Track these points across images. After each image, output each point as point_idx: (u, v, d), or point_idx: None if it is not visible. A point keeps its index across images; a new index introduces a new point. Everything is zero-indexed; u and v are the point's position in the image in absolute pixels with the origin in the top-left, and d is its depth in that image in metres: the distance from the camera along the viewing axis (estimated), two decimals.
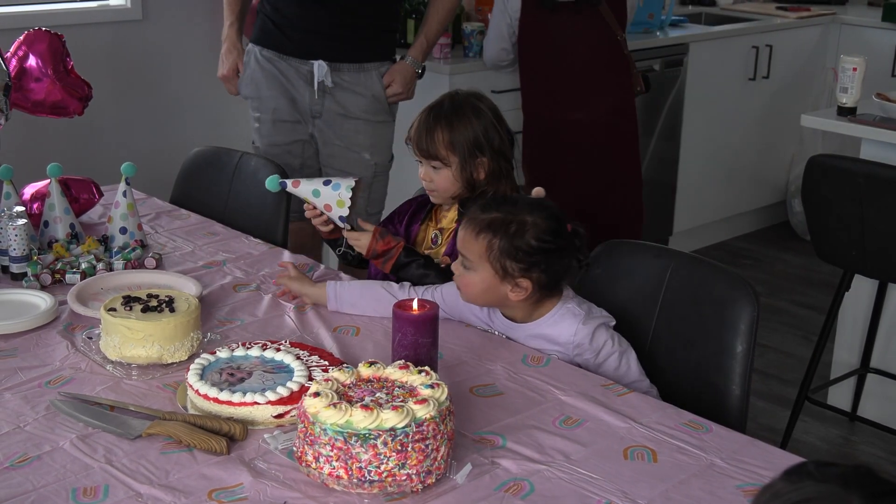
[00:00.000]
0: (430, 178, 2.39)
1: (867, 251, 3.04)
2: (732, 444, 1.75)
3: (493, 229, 2.01)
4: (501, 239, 2.00)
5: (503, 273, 2.01)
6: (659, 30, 4.81)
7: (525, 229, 2.00)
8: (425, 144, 2.37)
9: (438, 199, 2.43)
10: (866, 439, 3.51)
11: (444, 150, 2.36)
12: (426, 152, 2.38)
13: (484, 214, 2.03)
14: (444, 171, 2.37)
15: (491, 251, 2.00)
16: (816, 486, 1.03)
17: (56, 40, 2.83)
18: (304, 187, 2.33)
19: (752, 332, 2.07)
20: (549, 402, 1.87)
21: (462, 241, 2.05)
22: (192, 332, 2.00)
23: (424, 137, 2.38)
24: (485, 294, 2.06)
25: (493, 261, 2.00)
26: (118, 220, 2.56)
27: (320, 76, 3.24)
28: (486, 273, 2.02)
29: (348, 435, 1.54)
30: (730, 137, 5.12)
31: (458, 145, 2.35)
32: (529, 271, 2.00)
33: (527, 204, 2.05)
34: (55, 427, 1.75)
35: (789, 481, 1.05)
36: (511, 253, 1.99)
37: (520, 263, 2.00)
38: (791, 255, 5.19)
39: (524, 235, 1.99)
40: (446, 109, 2.38)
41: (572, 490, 1.60)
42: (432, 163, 2.38)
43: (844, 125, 3.39)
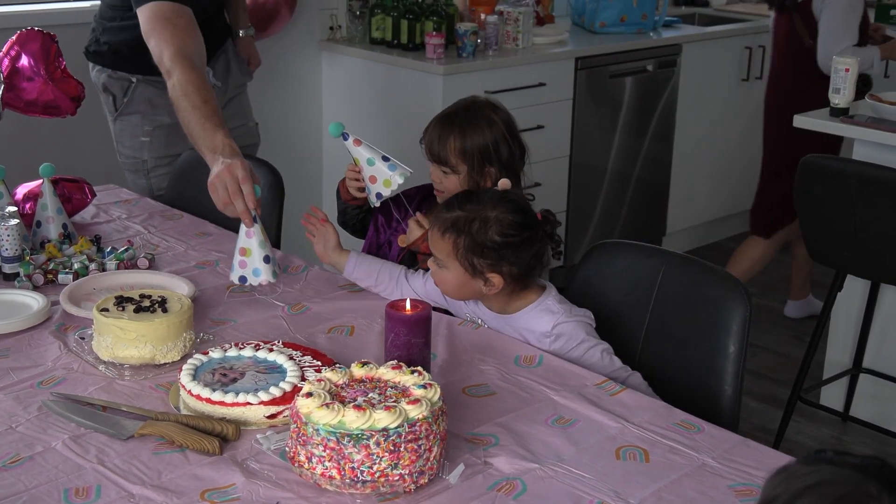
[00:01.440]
0: (440, 181, 2.44)
1: (860, 251, 3.05)
2: (724, 443, 1.75)
3: (457, 228, 2.04)
4: (466, 237, 2.03)
5: (472, 270, 2.04)
6: (652, 30, 4.82)
7: (488, 226, 2.03)
8: (437, 149, 2.42)
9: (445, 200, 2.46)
10: (858, 439, 3.52)
11: (454, 157, 2.40)
12: (437, 157, 2.42)
13: (448, 213, 2.07)
14: (452, 176, 2.41)
15: (457, 250, 2.04)
16: (834, 469, 1.03)
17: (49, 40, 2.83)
18: (362, 150, 2.39)
19: (745, 333, 2.07)
20: (541, 401, 1.87)
21: (431, 241, 2.10)
22: (184, 333, 1.99)
23: (437, 143, 2.42)
24: (461, 290, 2.10)
25: (461, 259, 2.04)
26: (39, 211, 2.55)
27: (210, 81, 3.19)
28: (457, 270, 2.06)
29: (341, 435, 1.54)
30: (723, 138, 5.13)
31: (468, 154, 2.39)
32: (498, 266, 2.03)
33: (490, 199, 2.07)
34: (47, 427, 1.75)
35: (806, 464, 1.06)
36: (476, 250, 2.02)
37: (487, 259, 2.03)
38: (784, 255, 5.19)
39: (487, 232, 2.02)
40: (461, 117, 2.41)
41: (564, 490, 1.60)
42: (442, 167, 2.42)
43: (837, 126, 3.40)
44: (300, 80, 4.34)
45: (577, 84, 4.39)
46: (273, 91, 4.27)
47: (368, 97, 4.25)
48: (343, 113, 4.37)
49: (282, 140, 4.33)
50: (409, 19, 4.16)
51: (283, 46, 4.24)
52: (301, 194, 4.34)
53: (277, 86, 4.28)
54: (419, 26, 4.16)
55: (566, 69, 4.35)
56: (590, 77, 4.43)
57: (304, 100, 4.38)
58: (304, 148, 4.43)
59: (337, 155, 4.44)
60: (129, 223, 2.78)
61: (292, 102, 4.34)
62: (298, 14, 4.18)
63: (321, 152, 4.49)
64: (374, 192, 2.40)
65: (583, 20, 4.83)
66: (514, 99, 4.13)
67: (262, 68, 4.19)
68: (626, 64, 4.56)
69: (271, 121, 4.31)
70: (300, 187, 4.32)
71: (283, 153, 4.22)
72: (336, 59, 4.35)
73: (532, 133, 4.23)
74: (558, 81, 4.32)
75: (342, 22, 4.37)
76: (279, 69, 4.27)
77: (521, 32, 4.29)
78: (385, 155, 2.38)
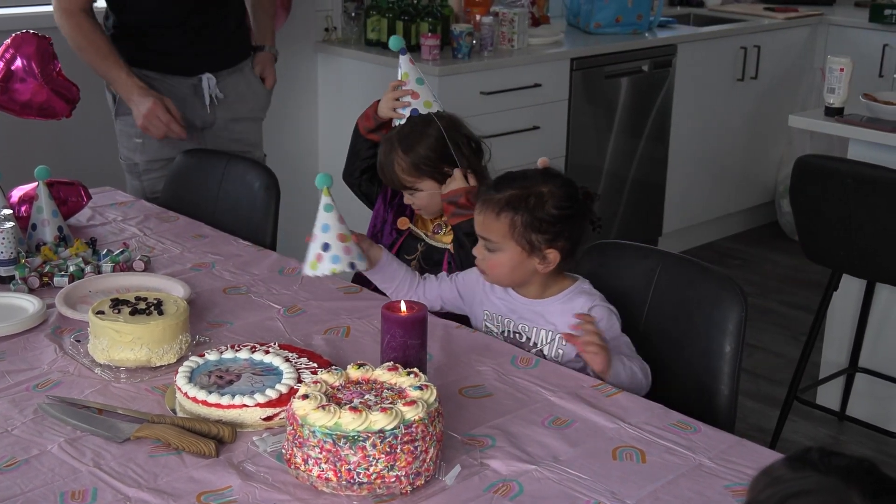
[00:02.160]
0: (412, 202, 2.43)
1: (855, 251, 3.05)
2: (721, 444, 1.75)
3: (513, 206, 2.01)
4: (523, 214, 2.01)
5: (530, 248, 2.02)
6: (647, 31, 4.82)
7: (544, 200, 2.01)
8: (391, 176, 2.40)
9: (430, 215, 2.47)
10: (855, 438, 3.52)
11: (409, 176, 2.39)
12: (395, 183, 2.41)
13: (500, 193, 2.03)
14: (419, 194, 2.41)
15: (514, 228, 2.01)
16: (818, 477, 1.02)
17: (44, 43, 2.83)
18: (413, 71, 2.41)
19: (741, 333, 2.07)
20: (538, 402, 1.87)
21: (483, 225, 2.05)
22: (180, 335, 1.99)
23: (388, 174, 2.41)
24: (513, 272, 2.07)
25: (518, 237, 2.01)
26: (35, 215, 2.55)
27: (210, 90, 3.22)
28: (513, 251, 2.03)
29: (337, 437, 1.53)
30: (718, 138, 5.14)
31: (422, 168, 2.38)
32: (555, 241, 2.02)
33: (538, 175, 2.06)
34: (43, 431, 1.75)
35: (791, 468, 1.05)
36: (535, 226, 2.00)
37: (545, 234, 2.01)
38: (780, 255, 5.20)
39: (544, 206, 2.01)
40: (399, 133, 2.40)
41: (561, 491, 1.60)
42: (406, 191, 2.41)
43: (832, 125, 3.40)
44: (296, 82, 4.34)
45: (572, 85, 4.40)
46: None
47: (364, 98, 4.22)
48: (338, 114, 4.36)
49: (277, 141, 4.32)
50: (404, 20, 4.16)
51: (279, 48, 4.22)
52: (297, 195, 4.34)
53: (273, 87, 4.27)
54: (414, 27, 4.16)
55: (561, 70, 4.35)
56: (585, 78, 4.43)
57: (300, 101, 4.38)
58: (300, 149, 4.43)
59: (333, 156, 4.44)
60: (124, 225, 2.77)
61: (288, 104, 4.34)
62: (294, 15, 4.18)
63: (317, 153, 4.48)
64: (413, 107, 2.41)
65: (578, 21, 4.83)
66: (509, 100, 4.14)
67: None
68: (621, 64, 4.56)
69: (267, 122, 4.30)
70: (296, 188, 4.30)
71: (279, 154, 4.21)
72: (331, 61, 4.35)
73: (528, 134, 4.23)
74: (554, 82, 4.32)
75: (337, 23, 4.37)
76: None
77: (516, 33, 4.29)
78: (422, 78, 2.43)
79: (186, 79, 3.21)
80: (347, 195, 4.08)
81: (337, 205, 2.07)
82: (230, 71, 3.29)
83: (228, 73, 3.28)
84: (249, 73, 3.37)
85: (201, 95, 3.24)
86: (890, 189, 2.90)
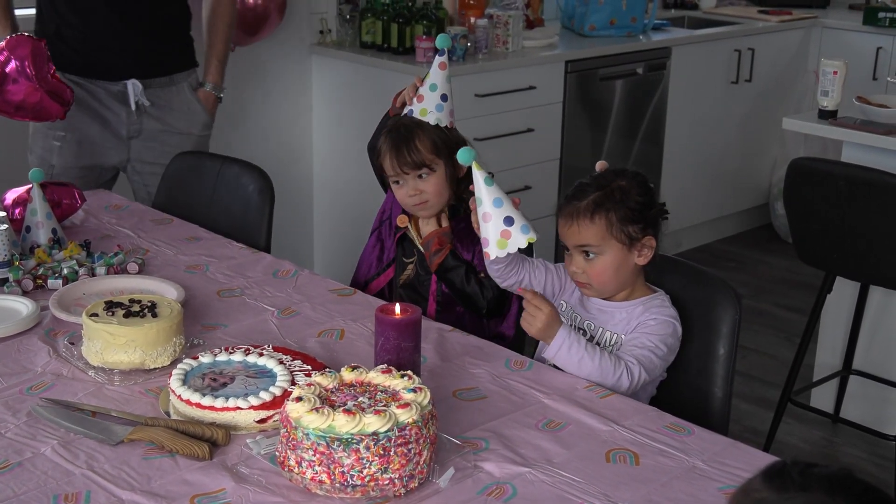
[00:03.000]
0: (420, 190, 2.39)
1: (848, 253, 3.06)
2: (714, 446, 1.75)
3: (603, 205, 2.02)
4: (615, 210, 2.02)
5: (629, 241, 2.03)
6: (642, 33, 4.83)
7: (627, 191, 2.03)
8: (408, 155, 2.36)
9: (432, 209, 2.42)
10: (849, 441, 3.53)
11: (429, 153, 2.37)
12: (412, 162, 2.36)
13: (584, 199, 2.03)
14: (432, 177, 2.38)
15: (611, 225, 2.02)
16: (804, 497, 1.02)
17: (39, 45, 2.83)
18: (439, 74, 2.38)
19: (735, 335, 2.08)
20: (531, 405, 1.87)
21: (578, 234, 2.03)
22: (174, 338, 1.99)
23: (405, 149, 2.37)
24: (617, 273, 2.06)
25: (617, 233, 2.02)
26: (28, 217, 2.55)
27: (136, 96, 3.16)
28: (614, 249, 2.03)
29: (331, 439, 1.53)
30: (713, 140, 5.14)
31: (439, 146, 2.37)
32: (648, 228, 2.04)
33: (609, 174, 2.06)
34: (36, 433, 1.75)
35: (773, 488, 1.04)
36: (629, 217, 2.02)
37: (638, 224, 2.03)
38: (774, 257, 5.21)
39: (630, 196, 2.03)
40: (408, 122, 2.38)
41: (555, 493, 1.60)
42: (419, 172, 2.37)
43: (825, 128, 3.41)
44: (290, 84, 4.34)
45: (566, 87, 4.40)
46: (263, 95, 4.27)
47: (358, 101, 4.25)
48: (333, 117, 4.37)
49: (272, 144, 4.33)
50: (399, 23, 4.16)
51: (273, 50, 4.24)
52: (291, 198, 4.34)
53: (267, 89, 4.28)
54: (409, 30, 4.16)
55: (556, 72, 4.35)
56: (580, 80, 4.44)
57: (294, 104, 4.38)
58: (294, 152, 4.43)
59: (327, 158, 4.44)
60: (118, 228, 2.77)
61: (282, 106, 4.34)
62: (288, 18, 4.18)
63: (311, 156, 4.49)
64: (410, 108, 2.40)
65: (572, 23, 4.84)
66: (503, 102, 4.14)
67: (252, 72, 4.20)
68: (615, 67, 4.57)
69: (261, 125, 4.31)
70: (290, 191, 4.31)
71: (273, 157, 4.22)
72: (326, 63, 4.35)
73: (522, 136, 4.24)
74: (548, 85, 4.32)
75: (332, 26, 4.37)
76: (269, 73, 4.26)
77: (510, 36, 4.30)
78: (446, 94, 2.38)
79: (112, 84, 3.15)
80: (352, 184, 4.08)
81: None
82: (162, 82, 3.22)
83: (160, 84, 3.22)
84: (188, 89, 3.30)
85: (127, 103, 3.17)
86: (883, 192, 2.91)
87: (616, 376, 1.96)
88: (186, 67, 3.32)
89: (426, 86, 2.39)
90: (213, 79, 3.37)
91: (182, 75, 3.29)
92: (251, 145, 4.20)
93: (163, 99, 3.23)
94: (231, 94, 4.16)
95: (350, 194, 4.35)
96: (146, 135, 3.23)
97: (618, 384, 1.95)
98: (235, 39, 4.02)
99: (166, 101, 3.24)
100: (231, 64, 4.10)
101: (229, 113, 4.17)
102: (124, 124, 3.20)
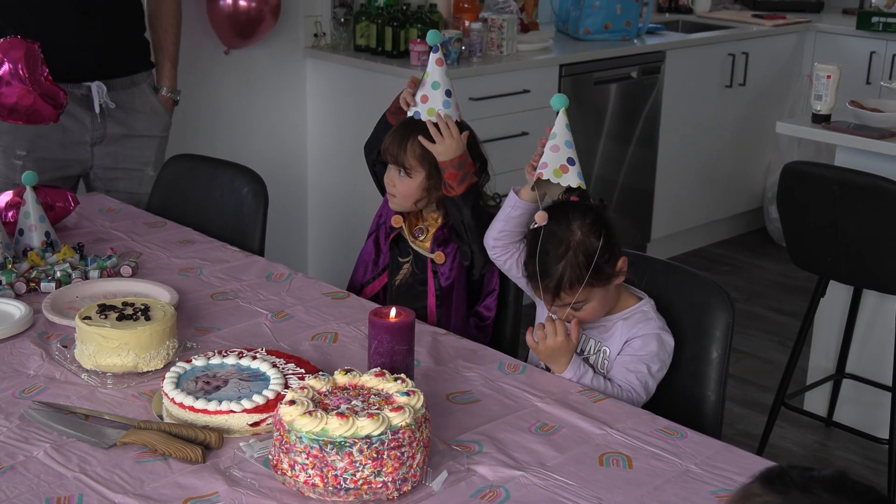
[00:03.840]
0: (394, 184, 2.43)
1: (842, 257, 3.06)
2: (707, 449, 1.75)
3: (575, 272, 1.99)
4: (584, 270, 1.99)
5: (607, 279, 2.02)
6: (636, 37, 4.83)
7: (585, 243, 2.00)
8: (395, 151, 2.40)
9: (397, 205, 2.46)
10: (842, 444, 3.53)
11: (412, 159, 2.39)
12: (395, 158, 2.41)
13: (554, 276, 2.00)
14: (407, 180, 2.41)
15: (590, 283, 2.00)
16: (808, 496, 1.02)
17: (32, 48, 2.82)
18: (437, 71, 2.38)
19: (728, 338, 2.08)
20: (525, 408, 1.87)
21: (562, 302, 2.03)
22: (167, 341, 1.99)
23: (396, 145, 2.40)
24: (605, 304, 2.07)
25: (595, 282, 2.01)
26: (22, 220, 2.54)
27: (101, 99, 3.12)
28: (597, 293, 2.03)
29: (324, 443, 1.53)
30: (707, 144, 5.15)
31: (427, 159, 2.37)
32: (615, 255, 2.03)
33: (563, 229, 2.02)
34: (29, 437, 1.74)
35: (774, 491, 1.04)
36: (598, 265, 1.99)
37: (607, 261, 2.01)
38: (768, 261, 5.21)
39: (590, 246, 2.00)
40: (422, 125, 2.38)
41: (548, 497, 1.60)
42: (399, 168, 2.41)
43: (819, 132, 3.42)
44: (284, 87, 4.34)
45: (561, 91, 4.38)
46: (257, 98, 4.27)
47: (353, 104, 4.25)
48: (328, 120, 4.37)
49: (266, 147, 4.32)
50: (393, 26, 4.16)
51: (268, 53, 4.24)
52: (285, 201, 4.34)
53: (261, 93, 4.28)
54: (403, 33, 4.16)
55: (550, 76, 4.35)
56: (574, 84, 4.44)
57: (289, 107, 4.38)
58: (289, 155, 4.43)
59: (322, 161, 4.44)
60: (112, 231, 2.77)
61: (276, 109, 4.34)
62: (283, 21, 4.18)
63: (305, 160, 4.48)
64: (416, 110, 2.39)
65: (567, 27, 4.84)
66: (498, 106, 4.15)
67: (246, 76, 4.20)
68: (610, 71, 4.58)
69: (255, 128, 4.30)
70: (284, 194, 4.31)
71: (267, 160, 4.21)
72: (320, 66, 4.35)
73: (516, 140, 4.24)
74: (542, 88, 4.32)
75: (327, 29, 4.37)
76: (263, 76, 4.26)
77: (505, 39, 4.30)
78: (449, 90, 2.39)
79: (75, 88, 3.10)
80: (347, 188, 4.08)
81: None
82: (124, 83, 3.20)
83: (122, 85, 3.20)
84: (148, 90, 3.29)
85: (91, 107, 3.14)
86: (876, 196, 2.92)
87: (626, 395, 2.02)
88: (146, 67, 3.30)
89: (427, 85, 2.40)
90: (169, 83, 3.37)
91: (142, 75, 3.28)
92: (245, 148, 4.19)
93: (125, 101, 3.21)
94: (225, 98, 4.17)
95: (344, 198, 4.35)
96: (109, 140, 3.21)
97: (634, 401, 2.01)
98: (229, 43, 4.02)
99: (129, 103, 3.22)
100: (225, 67, 4.11)
101: (223, 116, 4.18)
102: (88, 131, 3.17)
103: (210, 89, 4.06)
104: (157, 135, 3.32)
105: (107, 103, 3.15)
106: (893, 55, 5.06)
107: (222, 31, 3.99)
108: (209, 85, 4.05)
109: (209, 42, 4.00)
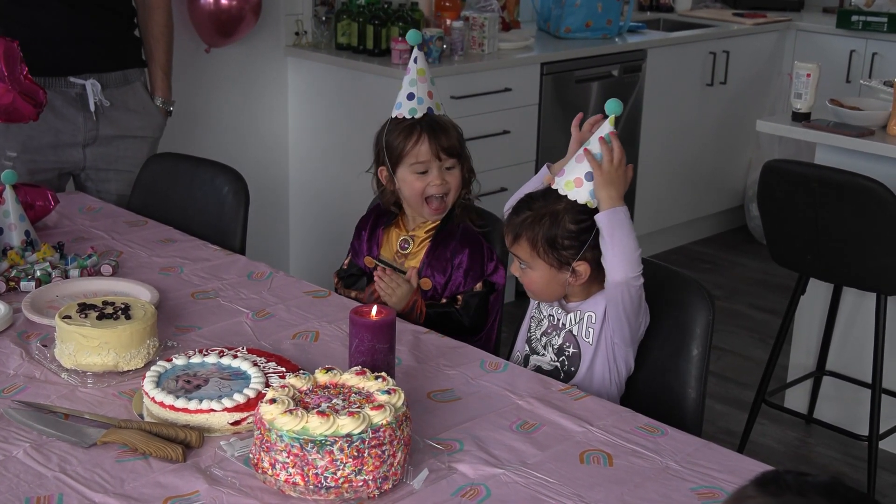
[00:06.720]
0: (444, 181, 2.40)
1: (822, 255, 3.08)
2: (687, 447, 1.76)
3: (532, 228, 2.03)
4: (541, 234, 2.03)
5: (559, 264, 2.04)
6: (617, 36, 4.84)
7: (559, 218, 2.02)
8: (446, 142, 2.39)
9: (448, 205, 2.43)
10: (822, 441, 3.55)
11: (459, 145, 2.41)
12: (448, 149, 2.39)
13: (518, 217, 2.07)
14: (455, 171, 2.42)
15: (537, 247, 2.03)
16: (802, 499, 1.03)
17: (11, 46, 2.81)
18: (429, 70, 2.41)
19: (708, 336, 2.09)
20: (505, 406, 1.88)
21: (511, 246, 2.10)
22: (148, 340, 1.98)
23: (442, 136, 2.39)
24: (547, 287, 2.08)
25: (544, 255, 2.04)
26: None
27: (95, 96, 3.11)
28: (542, 268, 2.05)
29: (304, 441, 1.53)
30: (688, 143, 5.17)
31: (463, 144, 2.42)
32: (582, 254, 2.02)
33: (552, 198, 2.05)
34: (8, 436, 1.74)
35: (769, 493, 1.04)
36: (557, 243, 2.02)
37: (569, 250, 2.02)
38: (749, 258, 5.24)
39: (561, 223, 2.02)
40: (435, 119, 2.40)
41: (528, 494, 1.61)
42: (447, 162, 2.40)
43: (799, 130, 3.43)
44: (266, 86, 4.33)
45: (542, 89, 4.41)
46: (238, 96, 4.26)
47: (334, 103, 4.25)
48: (309, 118, 4.36)
49: (247, 146, 4.31)
50: (374, 25, 4.16)
51: (249, 52, 4.23)
52: (267, 200, 4.34)
53: (242, 91, 4.27)
54: (385, 32, 4.16)
55: (532, 74, 4.36)
56: (555, 82, 4.45)
57: (270, 105, 4.37)
58: (270, 153, 4.42)
59: (303, 161, 4.43)
60: (92, 230, 2.76)
61: (258, 108, 4.33)
62: (264, 19, 4.17)
63: (287, 158, 4.48)
64: (429, 105, 2.41)
65: (548, 26, 4.85)
66: (479, 104, 4.15)
67: (227, 74, 4.19)
68: (591, 69, 4.59)
69: (236, 126, 4.30)
70: (265, 193, 4.31)
71: (249, 159, 4.21)
72: (302, 65, 4.34)
73: (498, 138, 4.24)
74: (524, 87, 4.33)
75: (308, 27, 4.36)
76: (244, 75, 4.25)
77: (486, 38, 4.31)
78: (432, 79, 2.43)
79: (69, 88, 3.10)
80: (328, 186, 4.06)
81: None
82: (117, 79, 3.19)
83: (116, 83, 3.18)
84: (142, 89, 3.28)
85: (85, 107, 3.12)
86: (856, 194, 2.93)
87: (638, 260, 2.00)
88: (138, 65, 3.29)
89: (427, 81, 2.41)
90: (163, 93, 3.35)
91: (135, 73, 3.26)
92: (226, 147, 4.18)
93: (119, 100, 3.20)
94: (206, 96, 4.15)
95: (326, 196, 4.34)
96: (101, 141, 3.19)
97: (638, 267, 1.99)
98: (210, 41, 4.01)
99: (122, 102, 3.21)
100: (206, 65, 4.10)
101: (204, 115, 4.16)
102: (81, 131, 3.16)
103: (191, 88, 4.04)
104: (150, 135, 3.31)
105: (101, 101, 3.13)
106: (873, 54, 5.09)
107: (203, 30, 3.98)
108: (190, 83, 4.04)
109: (190, 40, 3.99)
